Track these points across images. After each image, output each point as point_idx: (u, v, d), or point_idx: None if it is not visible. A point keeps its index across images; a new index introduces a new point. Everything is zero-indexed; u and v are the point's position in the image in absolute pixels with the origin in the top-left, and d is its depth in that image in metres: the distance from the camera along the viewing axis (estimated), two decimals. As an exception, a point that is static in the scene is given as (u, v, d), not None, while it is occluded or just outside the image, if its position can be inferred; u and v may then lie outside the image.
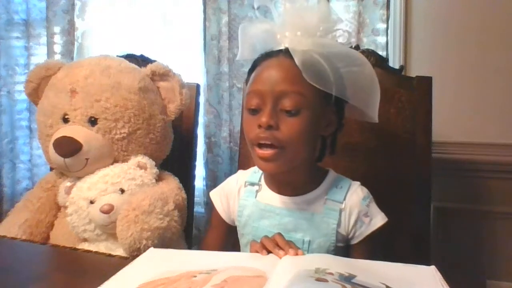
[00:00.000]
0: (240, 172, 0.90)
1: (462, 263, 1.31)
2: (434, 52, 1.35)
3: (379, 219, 0.78)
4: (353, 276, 0.53)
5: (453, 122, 1.34)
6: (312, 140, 0.75)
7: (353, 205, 0.77)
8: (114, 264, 0.68)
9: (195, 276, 0.57)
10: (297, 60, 0.70)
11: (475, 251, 1.34)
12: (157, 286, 0.55)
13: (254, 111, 0.73)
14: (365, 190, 0.80)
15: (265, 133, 0.70)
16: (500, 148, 1.30)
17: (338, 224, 0.76)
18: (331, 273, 0.54)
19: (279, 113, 0.70)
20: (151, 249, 0.73)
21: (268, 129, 0.70)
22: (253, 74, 0.76)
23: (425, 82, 1.04)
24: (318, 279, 0.52)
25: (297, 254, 0.63)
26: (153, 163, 1.07)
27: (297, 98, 0.70)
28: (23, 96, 1.53)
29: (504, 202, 1.31)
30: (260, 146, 0.72)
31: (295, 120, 0.70)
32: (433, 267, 0.58)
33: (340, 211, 0.77)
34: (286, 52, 0.72)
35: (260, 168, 0.76)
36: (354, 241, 0.78)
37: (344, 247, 0.78)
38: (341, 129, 0.81)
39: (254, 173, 0.86)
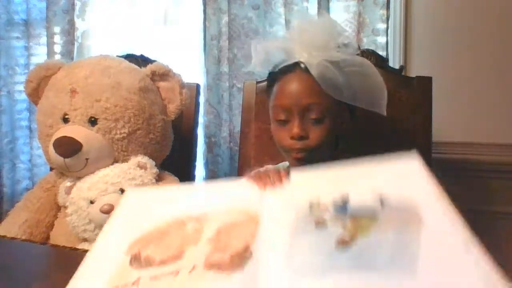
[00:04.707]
0: None
1: (462, 263, 1.31)
2: (434, 52, 1.35)
3: None
4: (347, 201, 0.52)
5: (453, 122, 1.34)
6: (333, 138, 0.86)
7: None
8: (114, 264, 0.68)
9: (185, 225, 0.55)
10: (314, 75, 0.79)
11: (475, 251, 1.34)
12: (149, 242, 0.54)
13: (284, 122, 0.83)
14: None
15: (298, 143, 0.81)
16: (500, 148, 1.30)
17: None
18: (325, 206, 0.53)
19: (306, 123, 0.81)
20: (128, 193, 0.70)
21: (300, 140, 0.80)
22: (275, 89, 0.85)
23: (425, 82, 1.04)
24: (317, 223, 0.51)
25: (281, 181, 0.62)
26: (153, 163, 1.07)
27: (321, 108, 0.80)
28: (23, 96, 1.53)
29: (504, 202, 1.31)
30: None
31: (321, 128, 0.81)
32: (417, 157, 0.58)
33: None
34: (302, 67, 0.82)
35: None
36: None
37: None
38: (355, 118, 0.89)
39: None
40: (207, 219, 0.56)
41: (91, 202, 0.97)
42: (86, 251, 0.84)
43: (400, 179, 0.55)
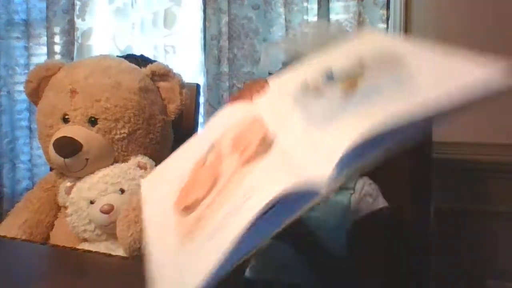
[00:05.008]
0: None
1: (462, 263, 1.31)
2: (434, 52, 1.35)
3: (381, 201, 0.87)
4: (332, 71, 0.55)
5: (453, 122, 1.34)
6: None
7: (360, 188, 0.87)
8: (114, 264, 0.68)
9: (205, 161, 0.56)
10: None
11: (476, 251, 1.34)
12: (188, 193, 0.54)
13: None
14: (373, 183, 0.90)
15: None
16: (500, 148, 1.30)
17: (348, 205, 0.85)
18: (315, 82, 0.56)
19: None
20: (144, 181, 0.68)
21: None
22: None
23: (425, 82, 1.04)
24: (315, 94, 0.54)
25: (264, 87, 0.64)
26: (153, 163, 1.07)
27: None
28: (23, 96, 1.53)
29: (504, 202, 1.31)
30: None
31: None
32: (376, 29, 0.64)
33: (350, 195, 0.85)
34: None
35: None
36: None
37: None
38: None
39: None
40: (219, 143, 0.57)
41: (91, 202, 0.97)
42: (86, 251, 0.84)
43: (369, 44, 0.61)
